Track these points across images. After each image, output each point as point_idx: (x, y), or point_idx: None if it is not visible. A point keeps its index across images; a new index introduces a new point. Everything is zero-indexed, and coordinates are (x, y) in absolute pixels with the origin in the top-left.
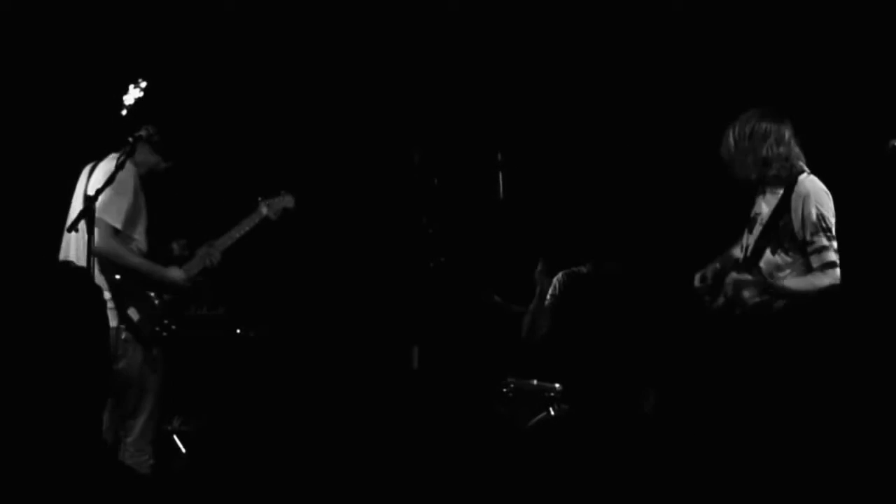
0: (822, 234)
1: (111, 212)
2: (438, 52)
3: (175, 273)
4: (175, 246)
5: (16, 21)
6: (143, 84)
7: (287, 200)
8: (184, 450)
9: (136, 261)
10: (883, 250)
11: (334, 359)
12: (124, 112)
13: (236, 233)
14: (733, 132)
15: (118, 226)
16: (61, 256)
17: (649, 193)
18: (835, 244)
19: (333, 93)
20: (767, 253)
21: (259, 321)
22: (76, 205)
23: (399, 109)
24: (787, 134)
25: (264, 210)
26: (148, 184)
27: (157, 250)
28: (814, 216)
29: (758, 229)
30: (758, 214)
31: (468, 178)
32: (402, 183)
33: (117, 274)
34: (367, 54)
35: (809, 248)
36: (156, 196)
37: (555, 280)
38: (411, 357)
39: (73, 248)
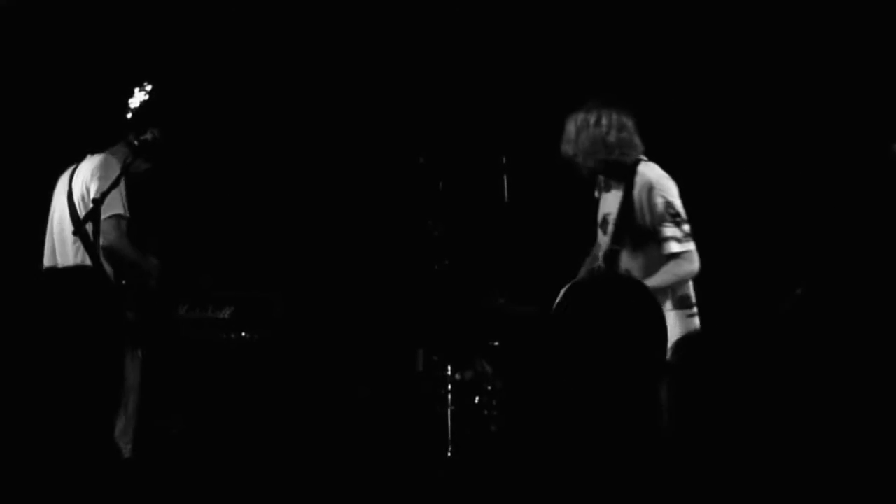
0: (671, 221)
1: (113, 203)
2: (443, 56)
3: (155, 263)
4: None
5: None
6: (149, 87)
7: None
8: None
9: (138, 256)
10: (885, 252)
11: (339, 361)
12: (129, 115)
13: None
14: (575, 123)
15: (124, 212)
16: (46, 263)
17: None
18: (686, 228)
19: (338, 96)
20: (624, 256)
21: (264, 324)
22: (60, 209)
23: (404, 113)
24: (630, 123)
25: None
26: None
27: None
28: (660, 206)
29: (611, 231)
30: (608, 214)
31: (473, 181)
32: (408, 186)
33: (122, 275)
34: (372, 58)
35: (661, 238)
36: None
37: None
38: (416, 360)
39: (59, 253)
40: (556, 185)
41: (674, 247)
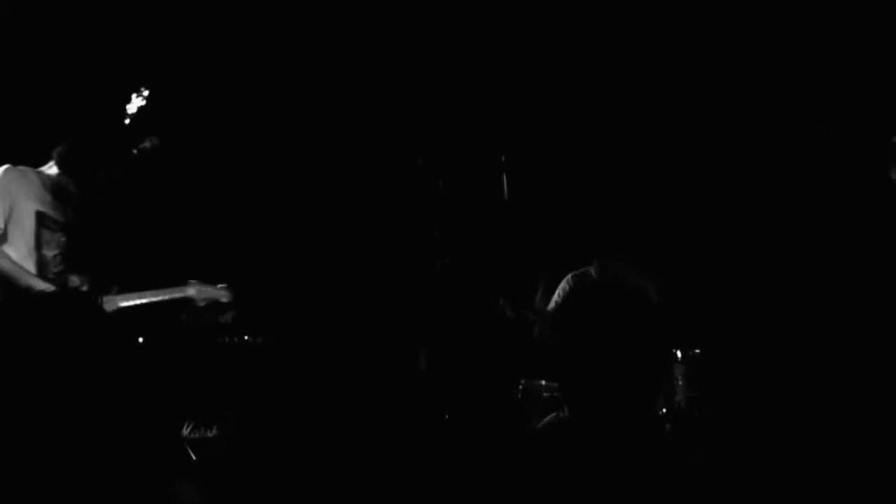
0: None
1: None
2: (441, 56)
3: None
4: (74, 278)
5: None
6: (146, 93)
7: (221, 294)
8: (194, 457)
9: (13, 269)
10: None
11: (342, 362)
12: (127, 121)
13: (147, 297)
14: None
15: None
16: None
17: (653, 191)
18: None
19: (338, 97)
20: None
21: (266, 327)
22: None
23: (403, 114)
24: None
25: (191, 291)
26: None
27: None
28: None
29: None
30: None
31: (472, 180)
32: (407, 186)
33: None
34: (371, 59)
35: None
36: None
37: (563, 282)
38: (419, 359)
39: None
40: (556, 181)
41: None
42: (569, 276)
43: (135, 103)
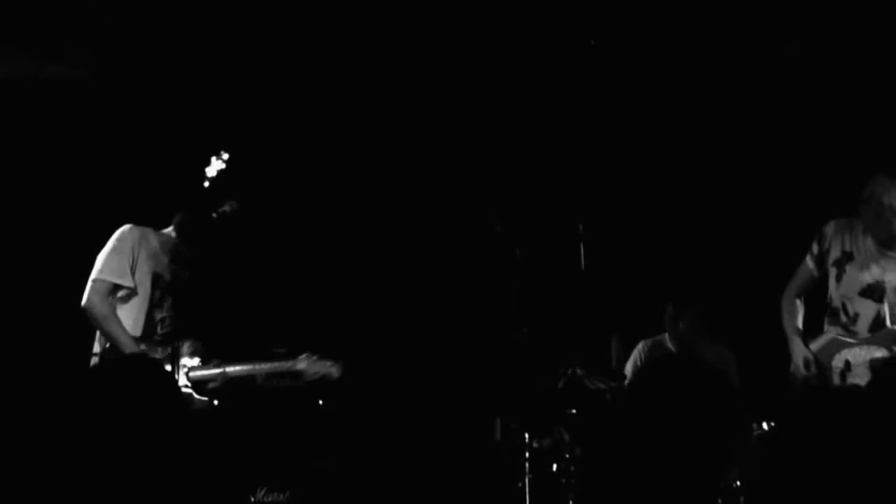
0: None
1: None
2: (522, 126)
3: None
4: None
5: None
6: (226, 156)
7: (332, 369)
8: None
9: (113, 329)
10: None
11: (417, 430)
12: (206, 184)
13: (259, 368)
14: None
15: (101, 276)
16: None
17: (731, 265)
18: None
19: (417, 163)
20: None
21: (342, 393)
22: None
23: (481, 181)
24: None
25: (300, 366)
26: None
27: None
28: None
29: (892, 296)
30: (881, 282)
31: (550, 249)
32: (485, 255)
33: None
34: (451, 128)
35: None
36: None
37: (636, 349)
38: (494, 428)
39: None
40: (633, 253)
41: None
42: (643, 342)
43: (214, 166)
